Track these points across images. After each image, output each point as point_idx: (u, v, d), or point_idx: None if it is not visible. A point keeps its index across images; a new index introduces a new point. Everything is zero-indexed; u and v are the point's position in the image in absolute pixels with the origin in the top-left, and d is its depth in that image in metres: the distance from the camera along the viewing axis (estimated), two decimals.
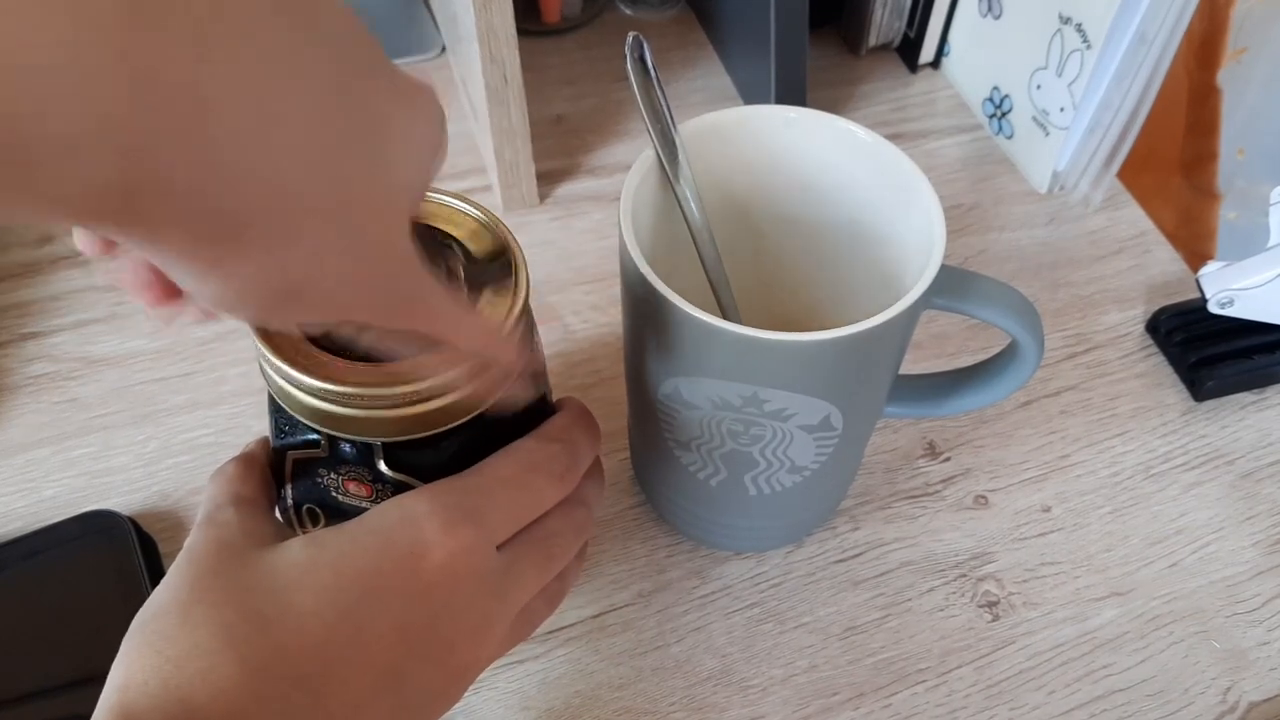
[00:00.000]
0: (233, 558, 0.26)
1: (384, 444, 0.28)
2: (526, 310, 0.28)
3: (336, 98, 0.19)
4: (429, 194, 0.30)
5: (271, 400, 0.29)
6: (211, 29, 0.17)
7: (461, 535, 0.26)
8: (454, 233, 0.29)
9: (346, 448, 0.28)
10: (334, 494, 0.30)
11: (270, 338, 0.26)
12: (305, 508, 0.31)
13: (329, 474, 0.29)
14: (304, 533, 0.31)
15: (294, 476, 0.30)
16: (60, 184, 0.16)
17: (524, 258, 0.29)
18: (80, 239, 0.23)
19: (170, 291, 0.23)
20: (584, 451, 0.31)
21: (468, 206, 0.30)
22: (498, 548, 0.28)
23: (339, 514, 0.30)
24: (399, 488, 0.29)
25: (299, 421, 0.28)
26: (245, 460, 0.30)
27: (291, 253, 0.20)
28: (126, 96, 0.16)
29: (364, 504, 0.29)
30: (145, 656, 0.24)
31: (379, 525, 0.27)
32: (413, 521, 0.26)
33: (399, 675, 0.26)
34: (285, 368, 0.26)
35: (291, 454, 0.30)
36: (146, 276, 0.23)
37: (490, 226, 0.29)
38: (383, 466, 0.28)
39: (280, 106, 0.18)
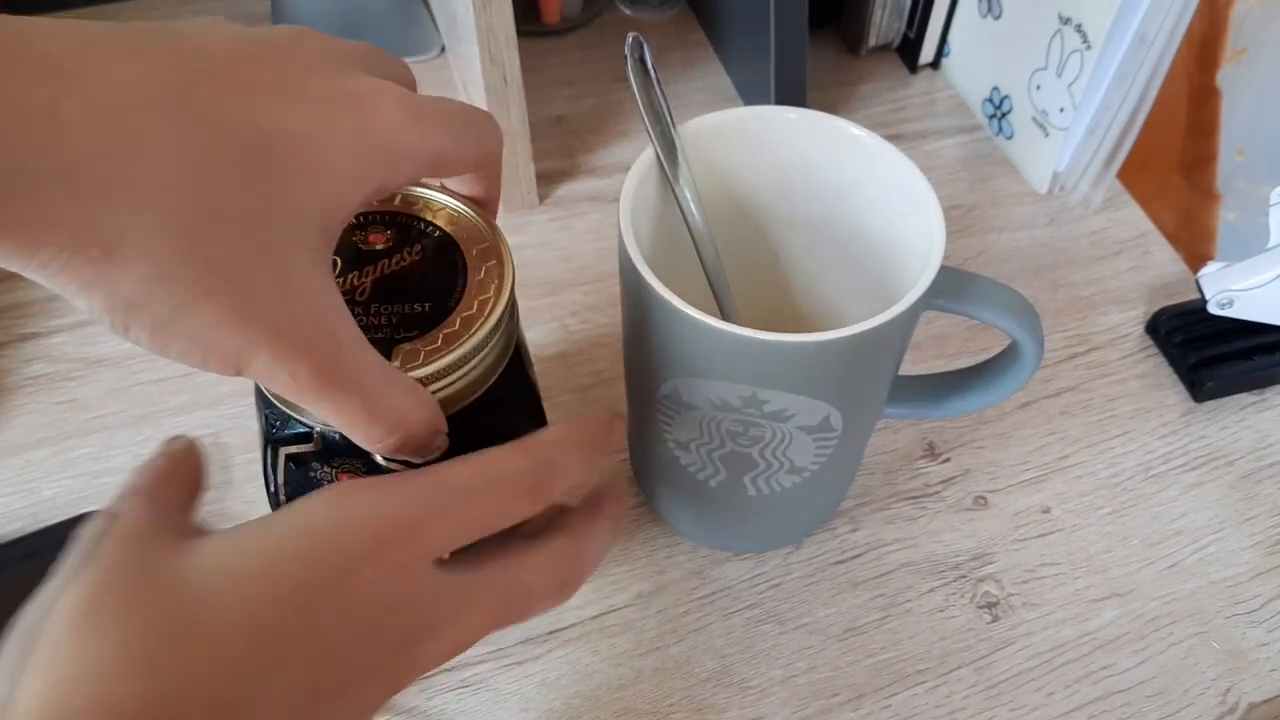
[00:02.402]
0: (139, 559, 0.23)
1: None
2: (512, 302, 0.29)
3: (210, 122, 0.21)
4: (417, 189, 0.30)
5: (261, 394, 0.29)
6: (70, 67, 0.19)
7: (394, 554, 0.24)
8: (442, 225, 0.29)
9: (339, 440, 0.28)
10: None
11: None
12: None
13: (322, 467, 0.29)
14: None
15: (286, 471, 0.30)
16: None
17: (509, 249, 0.29)
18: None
19: None
20: (564, 468, 0.27)
21: (450, 199, 0.30)
22: (451, 558, 0.25)
23: None
24: None
25: (290, 416, 0.28)
26: (167, 455, 0.28)
27: (145, 282, 0.20)
28: None
29: None
30: (36, 675, 0.20)
31: (308, 526, 0.24)
32: (346, 528, 0.24)
33: (319, 696, 0.23)
34: None
35: (284, 449, 0.29)
36: None
37: (474, 219, 0.30)
38: (377, 456, 0.28)
39: (140, 130, 0.20)
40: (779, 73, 0.51)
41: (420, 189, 0.30)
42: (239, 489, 0.42)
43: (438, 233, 0.29)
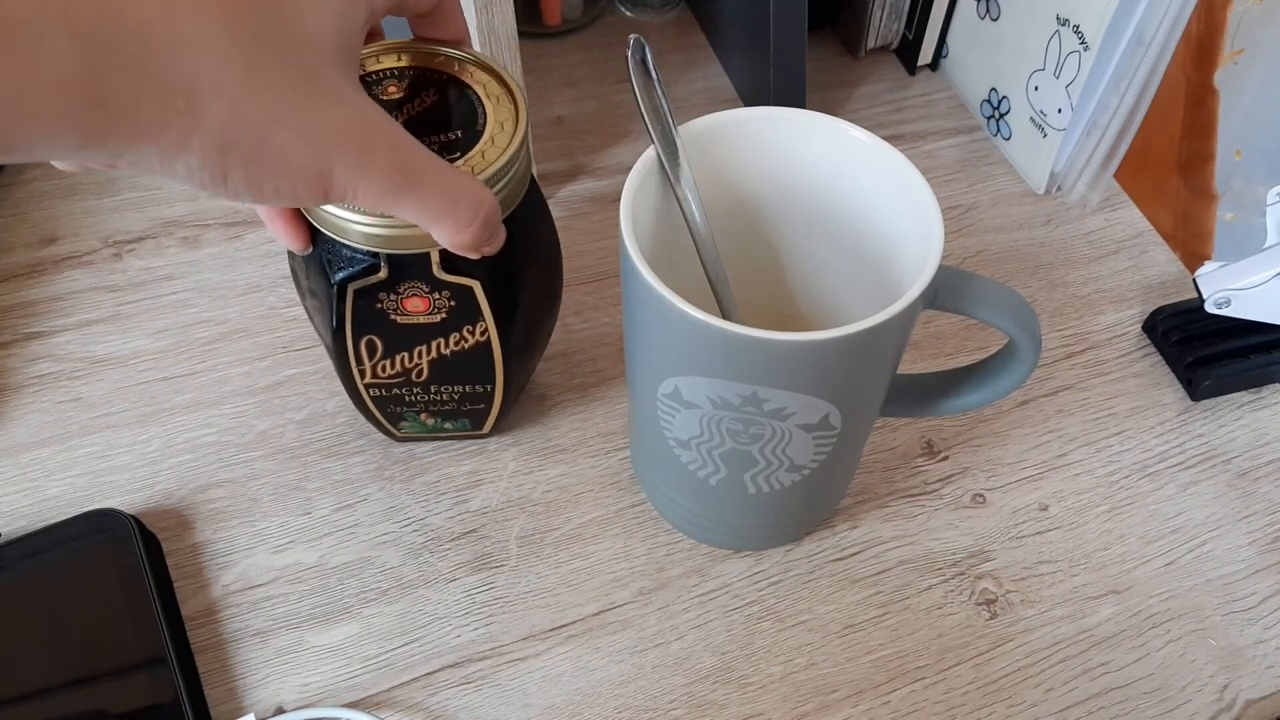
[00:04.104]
0: None
1: (440, 250, 0.32)
2: (526, 136, 0.32)
3: None
4: (412, 45, 0.34)
5: (321, 245, 0.32)
6: None
7: None
8: (443, 69, 0.33)
9: (404, 263, 0.32)
10: (393, 317, 0.34)
11: None
12: (365, 340, 0.35)
13: (388, 296, 0.33)
14: (359, 370, 0.37)
15: (354, 307, 0.34)
16: (35, 73, 0.20)
17: (510, 74, 0.33)
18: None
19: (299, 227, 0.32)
20: None
21: (443, 49, 0.34)
22: None
23: (396, 338, 0.35)
24: (455, 292, 0.33)
25: (355, 253, 0.32)
26: None
27: (227, 119, 0.23)
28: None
29: (420, 319, 0.34)
30: None
31: None
32: None
33: None
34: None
35: (352, 285, 0.33)
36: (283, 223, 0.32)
37: (468, 58, 0.34)
38: (439, 272, 0.32)
39: None
40: (778, 74, 0.51)
41: (415, 45, 0.34)
42: (242, 487, 0.42)
43: (444, 75, 0.33)
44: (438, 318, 0.34)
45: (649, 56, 0.33)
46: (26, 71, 0.20)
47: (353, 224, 0.31)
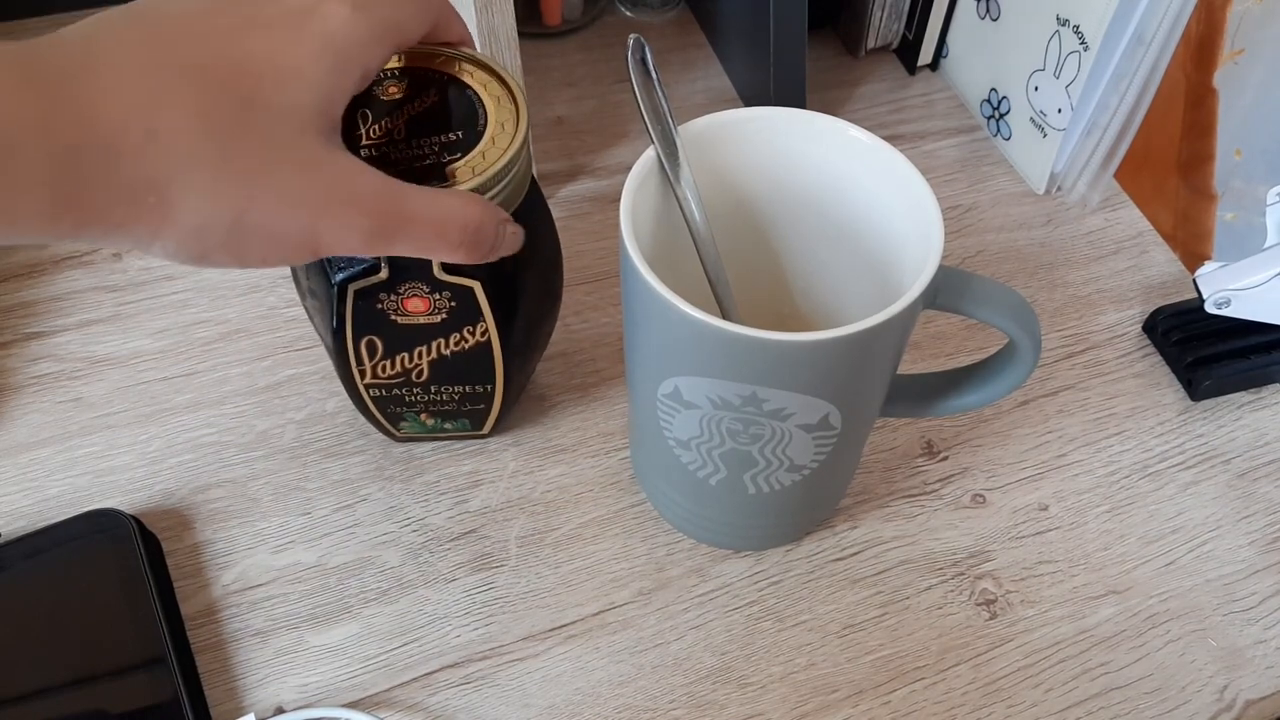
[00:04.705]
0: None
1: None
2: (527, 137, 0.33)
3: (194, 69, 0.24)
4: (440, 48, 0.34)
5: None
6: (79, 64, 0.23)
7: None
8: (445, 70, 0.33)
9: (404, 264, 0.32)
10: (393, 318, 0.34)
11: None
12: (365, 340, 0.35)
13: (389, 297, 0.33)
14: (359, 371, 0.36)
15: (355, 307, 0.34)
16: (9, 186, 0.22)
17: (511, 75, 0.33)
18: None
19: None
20: None
21: (443, 49, 0.34)
22: None
23: (396, 338, 0.35)
24: (455, 293, 0.33)
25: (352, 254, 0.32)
26: None
27: (199, 207, 0.24)
28: (36, 111, 0.22)
29: (420, 320, 0.34)
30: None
31: None
32: None
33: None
34: None
35: (352, 286, 0.33)
36: None
37: (468, 58, 0.34)
38: (440, 273, 0.33)
39: (146, 95, 0.24)
40: (778, 74, 0.51)
41: (415, 46, 0.33)
42: (242, 487, 0.42)
43: (444, 76, 0.33)
44: (438, 318, 0.34)
45: (649, 56, 0.33)
46: (1, 184, 0.22)
47: None
